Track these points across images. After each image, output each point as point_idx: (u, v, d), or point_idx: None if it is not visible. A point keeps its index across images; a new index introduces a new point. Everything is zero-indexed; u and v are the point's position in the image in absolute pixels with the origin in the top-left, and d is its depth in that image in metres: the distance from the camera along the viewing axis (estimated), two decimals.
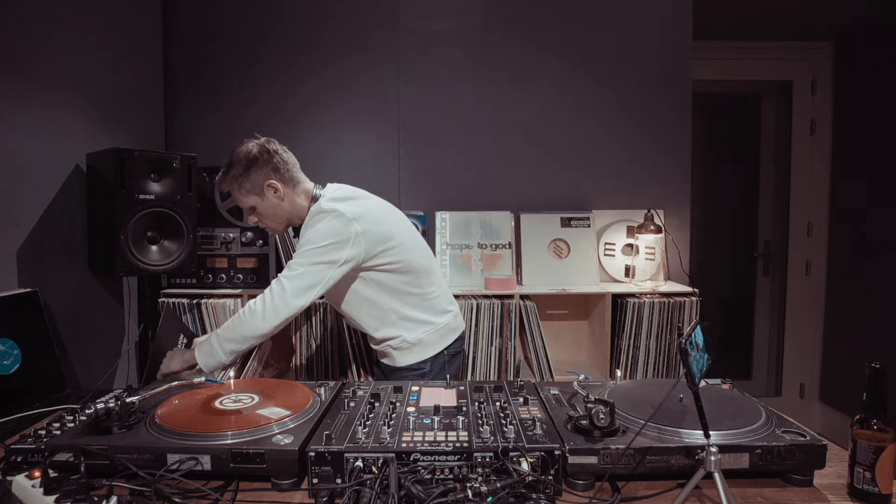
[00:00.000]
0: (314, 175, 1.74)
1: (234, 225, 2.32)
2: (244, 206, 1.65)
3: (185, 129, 2.61)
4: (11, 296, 1.60)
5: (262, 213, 1.64)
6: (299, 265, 1.52)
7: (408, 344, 1.67)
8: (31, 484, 0.82)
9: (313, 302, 1.54)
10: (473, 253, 2.48)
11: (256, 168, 1.58)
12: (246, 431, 0.96)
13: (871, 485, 0.87)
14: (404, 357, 1.68)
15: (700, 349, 0.98)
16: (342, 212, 1.54)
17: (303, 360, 2.32)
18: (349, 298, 1.66)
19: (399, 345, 1.67)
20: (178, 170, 1.95)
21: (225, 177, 1.61)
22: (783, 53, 3.31)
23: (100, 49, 2.06)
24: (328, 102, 2.62)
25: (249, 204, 1.63)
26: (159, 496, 0.85)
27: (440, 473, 0.87)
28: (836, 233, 3.30)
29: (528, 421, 1.01)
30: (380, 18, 2.60)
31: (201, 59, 2.60)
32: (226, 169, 1.61)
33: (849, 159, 3.21)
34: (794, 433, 0.96)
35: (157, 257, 1.93)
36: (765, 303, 3.54)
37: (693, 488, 0.85)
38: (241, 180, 1.59)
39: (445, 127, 2.63)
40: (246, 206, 1.64)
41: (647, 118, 2.65)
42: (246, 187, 1.60)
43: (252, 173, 1.58)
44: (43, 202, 1.81)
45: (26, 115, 1.73)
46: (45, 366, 1.61)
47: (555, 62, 2.63)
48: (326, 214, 1.55)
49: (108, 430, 0.98)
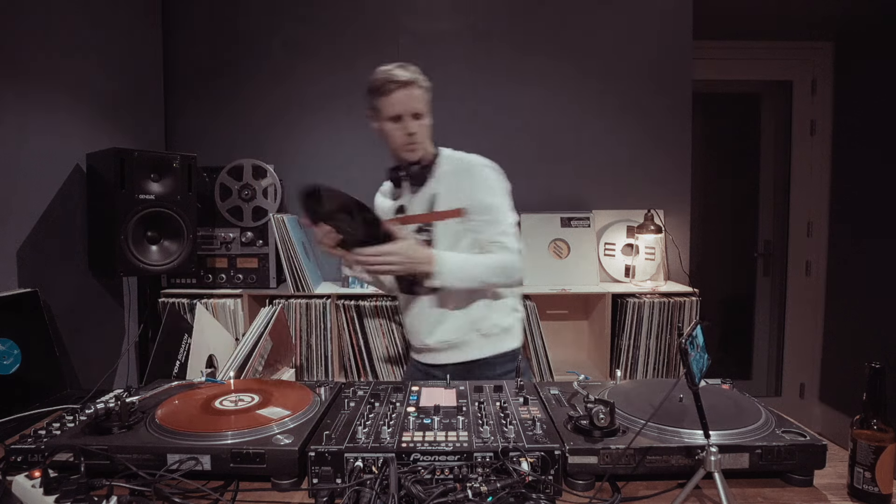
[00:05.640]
0: (314, 175, 1.75)
1: (234, 225, 2.32)
2: (417, 110, 1.51)
3: (185, 129, 2.61)
4: (11, 296, 1.60)
5: (423, 125, 1.54)
6: (506, 213, 1.52)
7: (506, 328, 1.58)
8: (31, 484, 0.82)
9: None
10: None
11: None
12: (246, 431, 0.96)
13: (871, 485, 0.87)
14: (502, 343, 1.58)
15: (700, 349, 0.98)
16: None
17: (303, 360, 2.32)
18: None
19: (511, 325, 1.60)
20: (178, 170, 1.95)
21: (416, 74, 1.51)
22: (783, 53, 3.31)
23: (100, 49, 2.07)
24: (328, 102, 2.62)
25: (422, 110, 1.52)
26: (159, 496, 0.85)
27: (440, 473, 0.87)
28: (836, 233, 3.30)
29: (528, 421, 1.01)
30: (380, 19, 2.60)
31: (201, 59, 2.60)
32: (412, 72, 1.51)
33: (849, 159, 3.21)
34: (794, 433, 0.96)
35: (157, 257, 1.93)
36: (765, 303, 3.54)
37: (693, 488, 0.85)
38: (427, 90, 1.53)
39: (445, 127, 2.62)
40: (419, 110, 1.51)
41: (648, 118, 2.65)
42: (427, 98, 1.53)
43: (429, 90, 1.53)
44: (43, 202, 1.81)
45: (26, 115, 1.73)
46: (45, 366, 1.61)
47: (555, 62, 2.63)
48: (488, 167, 1.56)
49: (108, 430, 0.98)
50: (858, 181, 3.12)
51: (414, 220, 1.57)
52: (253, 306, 2.30)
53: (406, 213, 1.60)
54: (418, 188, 1.57)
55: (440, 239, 1.52)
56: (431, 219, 1.54)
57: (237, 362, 1.56)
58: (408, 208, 1.60)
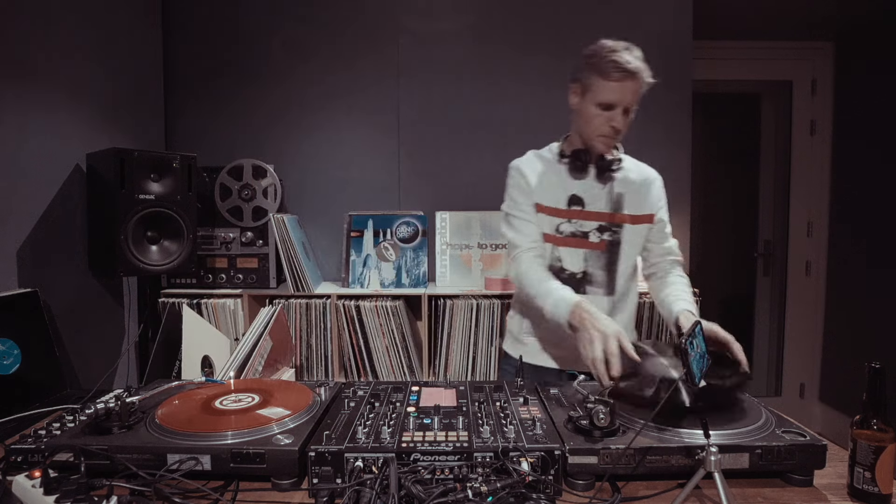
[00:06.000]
0: (315, 174, 1.74)
1: (234, 225, 2.32)
2: (631, 104, 1.40)
3: (185, 129, 2.61)
4: (11, 296, 1.60)
5: (628, 121, 1.43)
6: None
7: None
8: (31, 484, 0.82)
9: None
10: (473, 253, 2.48)
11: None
12: (246, 431, 0.96)
13: (871, 485, 0.87)
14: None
15: (700, 349, 0.98)
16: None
17: (303, 360, 2.32)
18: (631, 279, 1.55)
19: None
20: (178, 170, 1.94)
21: (642, 63, 1.38)
22: (783, 53, 3.31)
23: (100, 49, 2.07)
24: (328, 102, 2.62)
25: (634, 105, 1.41)
26: (159, 496, 0.85)
27: (440, 473, 0.87)
28: (836, 233, 3.30)
29: (528, 421, 1.01)
30: (380, 19, 2.60)
31: (201, 59, 2.60)
32: (639, 59, 1.38)
33: (849, 159, 3.21)
34: (794, 433, 0.96)
35: (157, 257, 1.93)
36: (765, 303, 3.54)
37: (693, 488, 0.85)
38: (647, 84, 1.40)
39: (445, 127, 2.63)
40: (632, 105, 1.40)
41: (647, 118, 2.63)
42: (642, 92, 1.41)
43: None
44: (43, 202, 1.81)
45: (26, 116, 1.73)
46: (45, 366, 1.61)
47: (555, 62, 2.62)
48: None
49: (108, 430, 0.98)
50: (858, 181, 3.12)
51: (600, 218, 1.48)
52: (253, 306, 2.30)
53: (585, 205, 1.48)
54: (602, 184, 1.48)
55: (626, 242, 1.48)
56: (624, 220, 1.48)
57: (237, 362, 1.56)
58: (586, 201, 1.48)
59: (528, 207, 1.49)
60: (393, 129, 2.63)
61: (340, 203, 2.58)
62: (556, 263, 1.49)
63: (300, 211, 2.60)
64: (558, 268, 1.49)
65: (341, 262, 2.47)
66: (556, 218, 1.48)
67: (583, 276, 1.48)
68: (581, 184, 1.48)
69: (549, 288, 1.35)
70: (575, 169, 1.47)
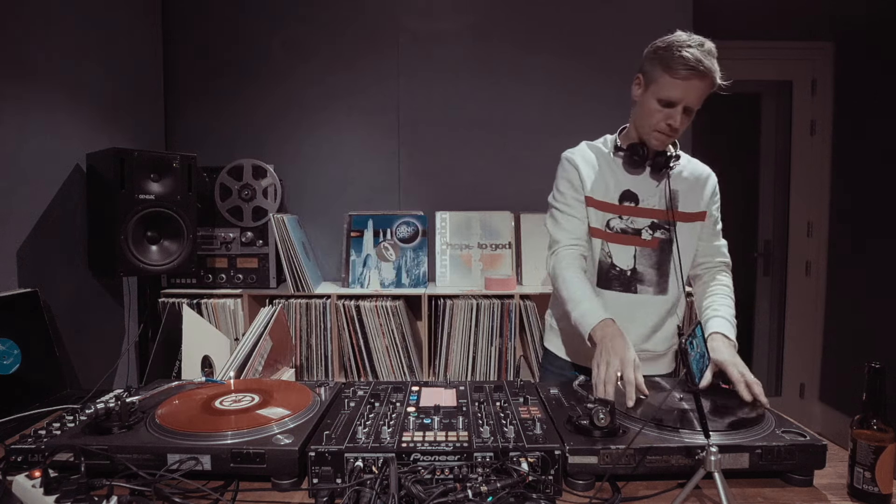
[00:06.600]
0: (315, 174, 1.74)
1: (234, 225, 2.32)
2: (694, 105, 1.36)
3: (185, 130, 2.61)
4: (11, 296, 1.60)
5: (687, 121, 1.39)
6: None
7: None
8: (31, 484, 0.82)
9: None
10: (473, 253, 2.48)
11: None
12: (246, 431, 0.96)
13: (871, 485, 0.87)
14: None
15: (700, 349, 0.98)
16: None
17: (303, 360, 2.32)
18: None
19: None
20: (178, 170, 1.94)
21: (715, 65, 1.33)
22: (783, 53, 3.31)
23: (100, 49, 2.07)
24: (328, 102, 2.62)
25: (697, 107, 1.37)
26: (159, 496, 0.85)
27: (440, 473, 0.87)
28: (836, 233, 3.30)
29: (528, 421, 1.01)
30: (380, 19, 2.60)
31: (201, 59, 2.60)
32: (712, 60, 1.33)
33: (849, 159, 3.21)
34: (794, 433, 0.96)
35: (157, 257, 1.93)
36: (765, 303, 3.54)
37: (693, 488, 0.85)
38: (715, 86, 1.35)
39: (445, 127, 2.63)
40: (695, 106, 1.36)
41: None
42: (712, 90, 1.35)
43: None
44: (43, 202, 1.81)
45: (26, 116, 1.73)
46: (45, 366, 1.61)
47: (555, 62, 2.63)
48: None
49: (108, 430, 0.98)
50: (858, 181, 3.12)
51: (654, 215, 1.43)
52: (253, 306, 2.30)
53: (638, 201, 1.43)
54: (657, 181, 1.43)
55: (679, 241, 1.43)
56: (678, 218, 1.43)
57: (237, 362, 1.56)
58: (640, 197, 1.43)
59: (574, 201, 1.45)
60: (393, 129, 2.63)
61: (340, 203, 2.58)
62: (607, 259, 1.44)
63: (300, 211, 2.60)
64: (609, 264, 1.44)
65: (341, 262, 2.47)
66: (606, 213, 1.43)
67: (632, 273, 1.43)
68: (635, 179, 1.43)
69: (581, 296, 1.31)
70: (631, 164, 1.42)
